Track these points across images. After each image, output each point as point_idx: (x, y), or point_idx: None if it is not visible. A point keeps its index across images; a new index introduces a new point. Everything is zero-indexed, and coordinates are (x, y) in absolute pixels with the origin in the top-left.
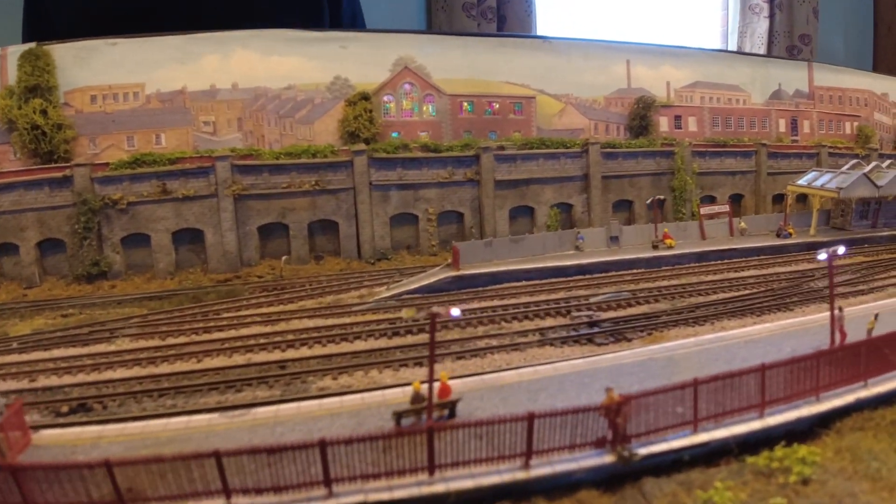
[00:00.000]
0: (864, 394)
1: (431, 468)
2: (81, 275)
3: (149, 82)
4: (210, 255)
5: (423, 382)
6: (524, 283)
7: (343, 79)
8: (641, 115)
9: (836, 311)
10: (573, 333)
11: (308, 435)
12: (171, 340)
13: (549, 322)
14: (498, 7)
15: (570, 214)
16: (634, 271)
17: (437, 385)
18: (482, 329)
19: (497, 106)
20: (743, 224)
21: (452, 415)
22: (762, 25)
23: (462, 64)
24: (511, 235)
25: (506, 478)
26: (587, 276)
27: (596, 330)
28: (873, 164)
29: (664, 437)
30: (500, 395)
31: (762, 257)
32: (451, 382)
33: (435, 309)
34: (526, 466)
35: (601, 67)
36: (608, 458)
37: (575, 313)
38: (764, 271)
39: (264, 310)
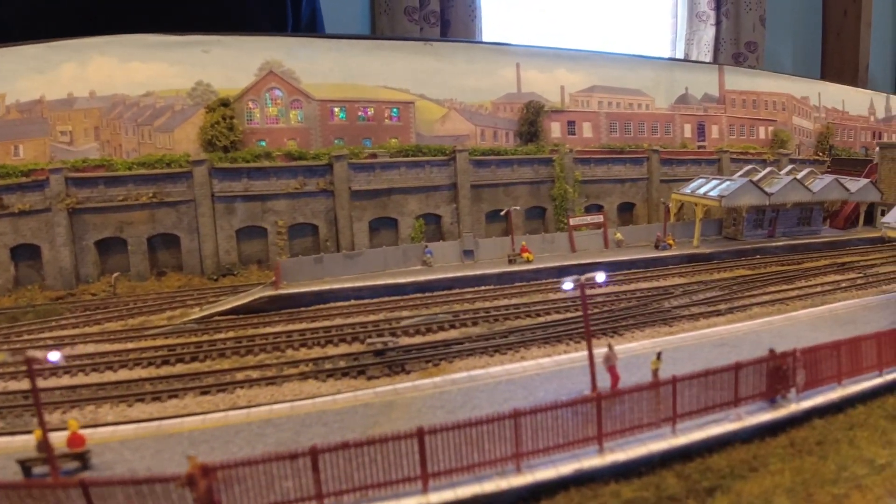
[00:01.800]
0: (592, 463)
1: None
2: None
3: (10, 93)
4: (47, 272)
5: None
6: (353, 302)
7: (205, 84)
8: (531, 121)
9: (606, 350)
10: (349, 364)
11: None
12: None
13: (341, 349)
14: (441, 11)
15: (438, 226)
16: (480, 289)
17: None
18: (262, 357)
19: (371, 111)
20: (619, 235)
21: (86, 467)
22: (709, 33)
23: (334, 68)
24: (354, 250)
25: None
26: (426, 295)
27: (373, 361)
28: (767, 170)
29: None
30: (160, 447)
31: (630, 272)
32: (124, 428)
33: (31, 353)
34: None
35: (488, 71)
36: None
37: (370, 340)
38: (623, 287)
39: (65, 332)
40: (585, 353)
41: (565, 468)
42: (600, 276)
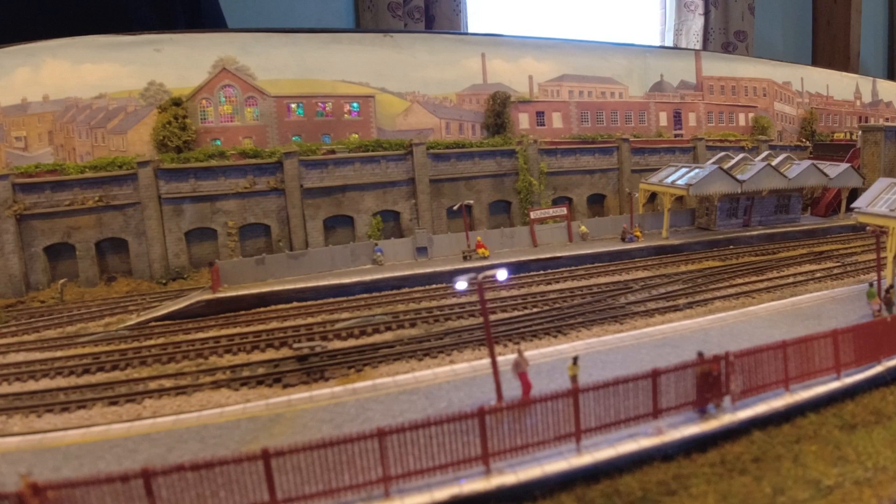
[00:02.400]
0: (475, 487)
1: None
2: None
3: None
4: None
5: None
6: (294, 304)
7: (158, 84)
8: (497, 113)
9: (515, 356)
10: (267, 371)
11: None
12: None
13: (267, 355)
14: (426, 7)
15: (397, 223)
16: (429, 287)
17: None
18: (183, 364)
19: (330, 107)
20: (584, 228)
21: None
22: (697, 23)
23: (290, 63)
24: (308, 249)
25: None
26: (372, 295)
27: (292, 368)
28: (740, 156)
29: None
30: (36, 460)
31: (592, 266)
32: (7, 440)
33: None
34: None
35: (451, 62)
36: None
37: (297, 344)
38: (581, 283)
39: (3, 340)
40: (512, 356)
41: (441, 493)
42: (501, 274)
